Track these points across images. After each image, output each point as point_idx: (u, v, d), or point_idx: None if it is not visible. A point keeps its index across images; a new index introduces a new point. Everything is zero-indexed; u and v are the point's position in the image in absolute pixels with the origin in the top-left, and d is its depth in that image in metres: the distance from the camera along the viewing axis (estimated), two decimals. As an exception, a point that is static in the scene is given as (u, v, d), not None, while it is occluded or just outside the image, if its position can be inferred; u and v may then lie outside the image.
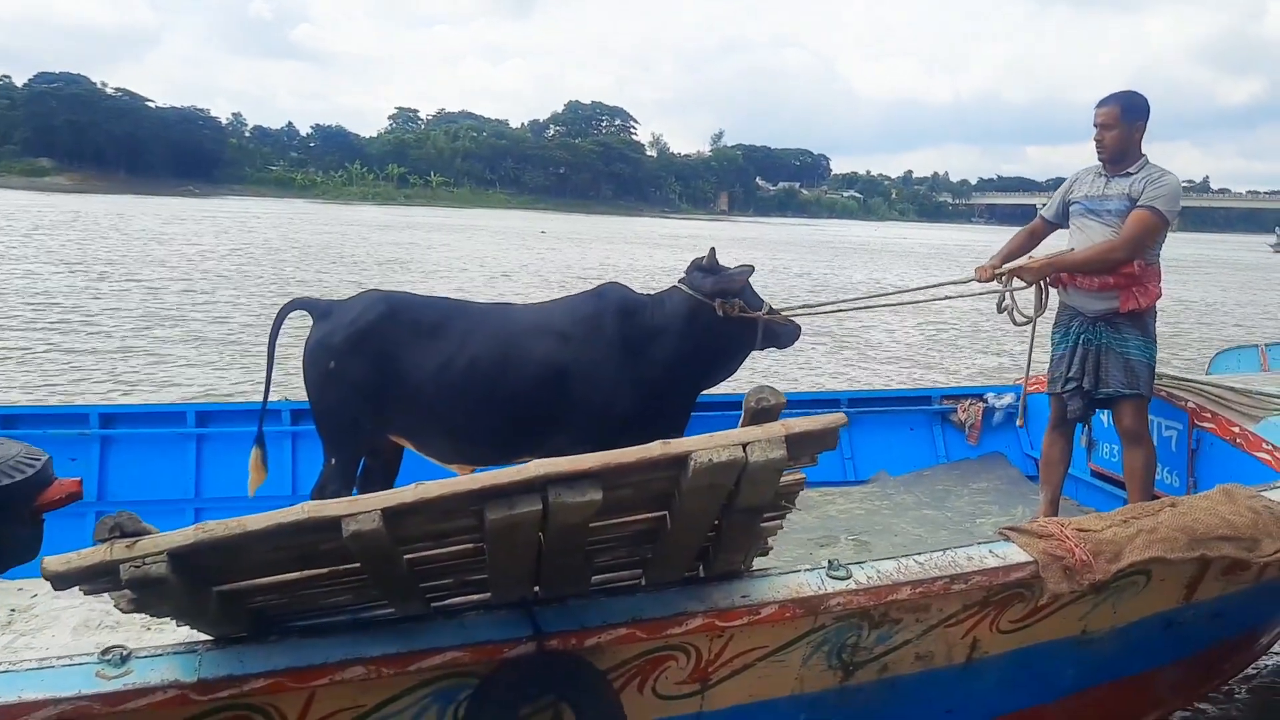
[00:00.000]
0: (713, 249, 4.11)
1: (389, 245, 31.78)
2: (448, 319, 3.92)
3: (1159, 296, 4.34)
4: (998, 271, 4.51)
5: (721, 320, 3.92)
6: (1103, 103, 4.32)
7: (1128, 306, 4.25)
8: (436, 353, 3.80)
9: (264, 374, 4.26)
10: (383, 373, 3.78)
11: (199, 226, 37.33)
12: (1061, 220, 4.60)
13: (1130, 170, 4.26)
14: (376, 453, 4.11)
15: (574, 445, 1.92)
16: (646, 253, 34.82)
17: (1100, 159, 4.38)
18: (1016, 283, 4.46)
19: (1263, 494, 3.18)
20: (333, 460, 3.95)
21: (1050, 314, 4.58)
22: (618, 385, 3.86)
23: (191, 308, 14.83)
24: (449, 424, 3.88)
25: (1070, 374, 4.42)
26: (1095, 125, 4.32)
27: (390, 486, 3.91)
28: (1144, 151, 4.32)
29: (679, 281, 4.07)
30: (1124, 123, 4.24)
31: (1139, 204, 4.17)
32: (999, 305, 4.55)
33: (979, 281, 4.59)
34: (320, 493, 3.91)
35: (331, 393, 3.87)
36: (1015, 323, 4.57)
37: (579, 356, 3.84)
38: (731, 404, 4.66)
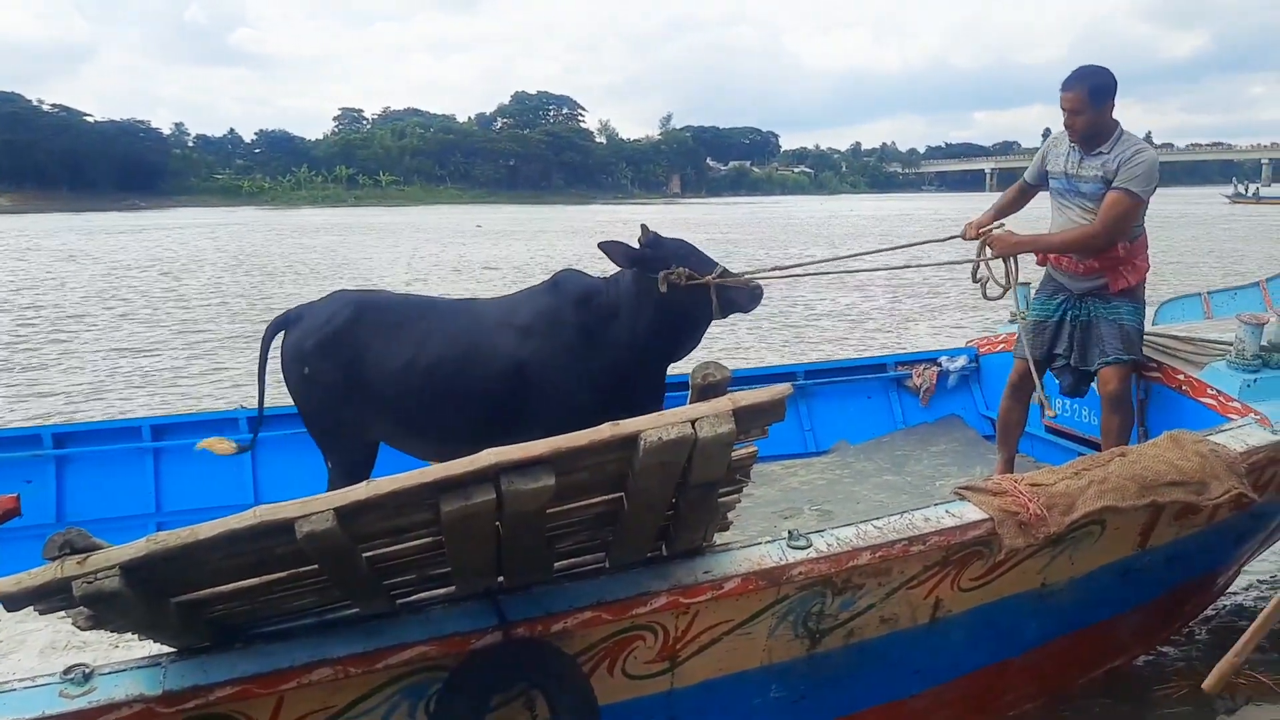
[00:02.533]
0: (644, 225, 3.93)
1: (306, 251, 31.03)
2: (411, 317, 3.90)
3: (1148, 269, 4.33)
4: (980, 232, 4.42)
5: (670, 293, 3.76)
6: (1067, 86, 4.12)
7: (1118, 286, 4.24)
8: (400, 352, 3.80)
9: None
10: (352, 375, 3.78)
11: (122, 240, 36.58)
12: (1041, 183, 4.50)
13: (1103, 149, 4.11)
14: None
15: (548, 435, 1.91)
16: (585, 242, 34.37)
17: (1071, 142, 4.22)
18: (990, 253, 4.37)
19: (1209, 438, 3.25)
20: (330, 463, 3.97)
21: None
22: (583, 373, 3.83)
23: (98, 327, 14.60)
24: (420, 422, 3.88)
25: (1057, 350, 4.43)
26: (1063, 110, 4.15)
27: (367, 477, 3.93)
28: (1116, 120, 4.17)
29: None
30: (1092, 105, 4.07)
31: (1114, 185, 4.06)
32: (974, 274, 4.46)
33: (965, 238, 4.51)
34: None
35: (310, 398, 3.90)
36: (987, 296, 4.44)
37: (541, 348, 3.81)
38: (679, 384, 4.67)
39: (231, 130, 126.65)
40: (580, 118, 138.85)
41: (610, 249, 3.81)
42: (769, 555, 2.54)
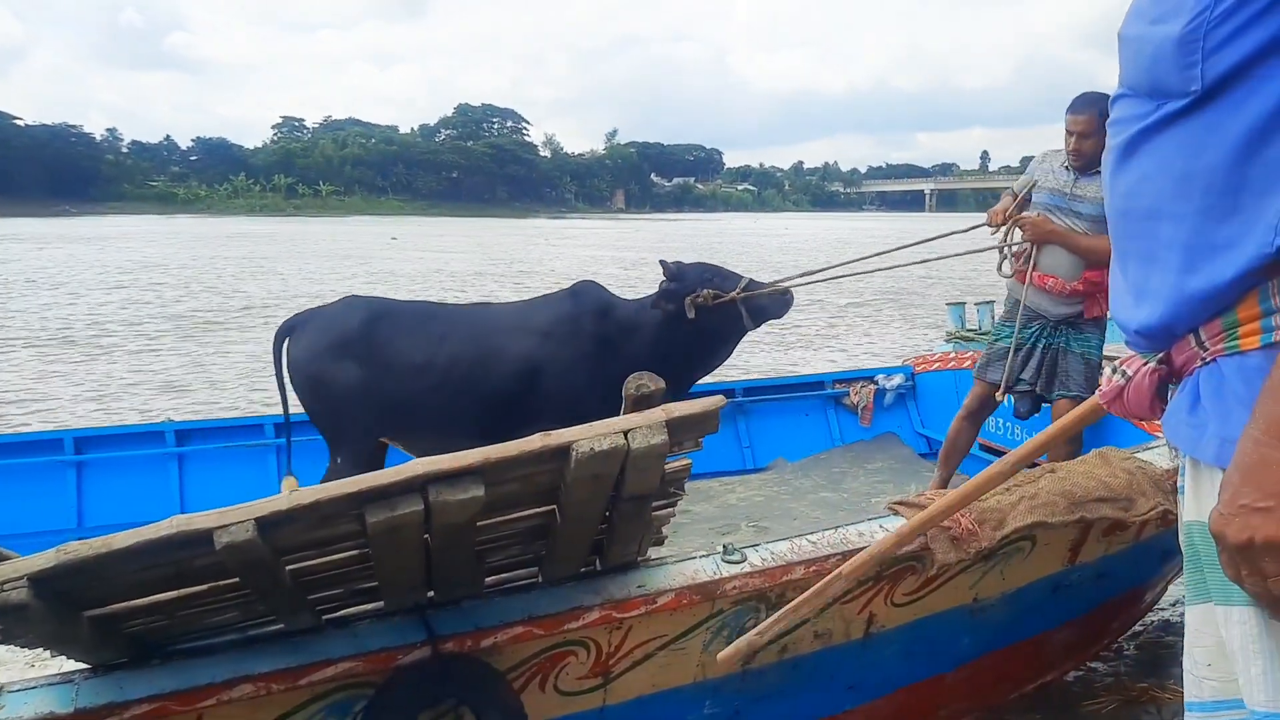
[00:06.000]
0: (662, 260, 4.19)
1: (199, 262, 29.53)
2: (427, 321, 4.04)
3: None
4: (1008, 217, 4.45)
5: (698, 316, 4.02)
6: (1078, 110, 4.11)
7: (1092, 313, 4.33)
8: (418, 354, 3.92)
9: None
10: (366, 376, 3.88)
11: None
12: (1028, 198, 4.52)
13: (1099, 171, 4.16)
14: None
15: None
16: (498, 255, 33.60)
17: (1074, 166, 4.23)
18: (1017, 235, 4.44)
19: (1136, 455, 3.30)
20: (337, 460, 4.03)
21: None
22: (592, 382, 3.94)
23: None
24: (432, 423, 3.98)
25: (1023, 375, 4.47)
26: (1070, 132, 4.14)
27: None
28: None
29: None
30: (1102, 129, 4.07)
31: None
32: (1001, 249, 4.51)
33: (989, 225, 4.56)
34: None
35: (321, 398, 3.97)
36: (1001, 272, 4.53)
37: (556, 353, 3.97)
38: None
39: (167, 137, 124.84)
40: (524, 131, 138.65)
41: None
42: (703, 569, 2.53)
